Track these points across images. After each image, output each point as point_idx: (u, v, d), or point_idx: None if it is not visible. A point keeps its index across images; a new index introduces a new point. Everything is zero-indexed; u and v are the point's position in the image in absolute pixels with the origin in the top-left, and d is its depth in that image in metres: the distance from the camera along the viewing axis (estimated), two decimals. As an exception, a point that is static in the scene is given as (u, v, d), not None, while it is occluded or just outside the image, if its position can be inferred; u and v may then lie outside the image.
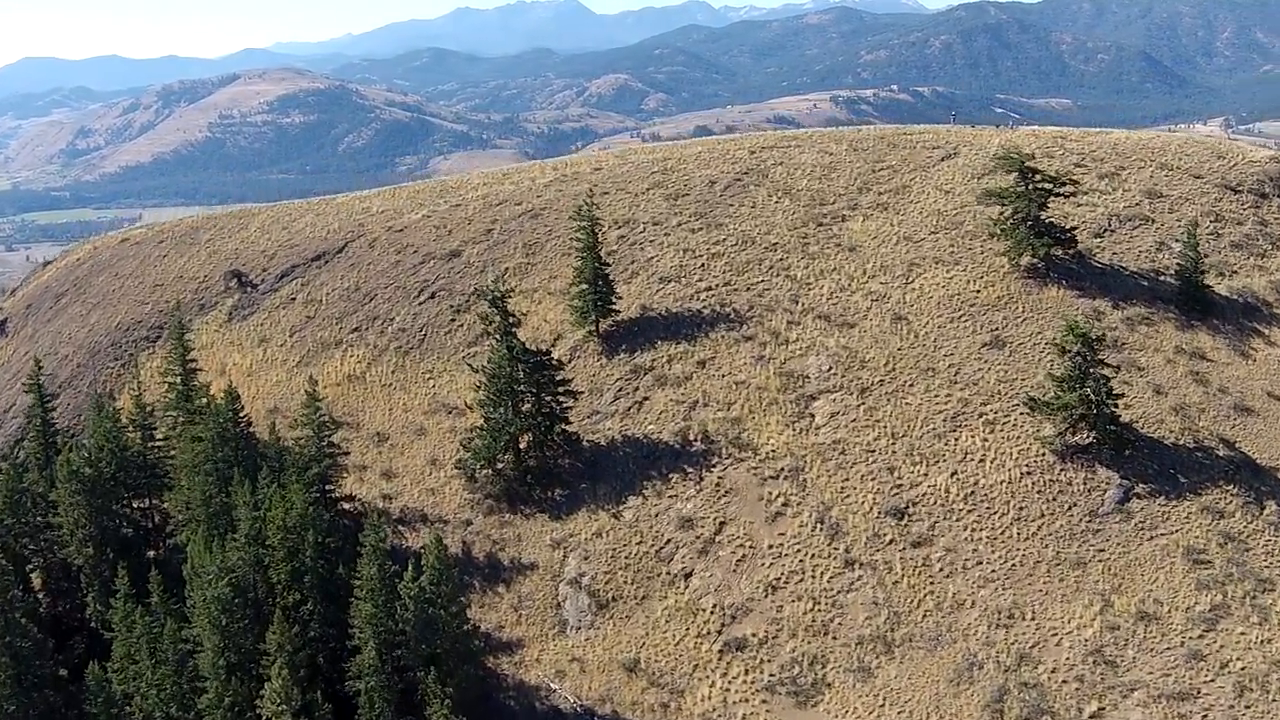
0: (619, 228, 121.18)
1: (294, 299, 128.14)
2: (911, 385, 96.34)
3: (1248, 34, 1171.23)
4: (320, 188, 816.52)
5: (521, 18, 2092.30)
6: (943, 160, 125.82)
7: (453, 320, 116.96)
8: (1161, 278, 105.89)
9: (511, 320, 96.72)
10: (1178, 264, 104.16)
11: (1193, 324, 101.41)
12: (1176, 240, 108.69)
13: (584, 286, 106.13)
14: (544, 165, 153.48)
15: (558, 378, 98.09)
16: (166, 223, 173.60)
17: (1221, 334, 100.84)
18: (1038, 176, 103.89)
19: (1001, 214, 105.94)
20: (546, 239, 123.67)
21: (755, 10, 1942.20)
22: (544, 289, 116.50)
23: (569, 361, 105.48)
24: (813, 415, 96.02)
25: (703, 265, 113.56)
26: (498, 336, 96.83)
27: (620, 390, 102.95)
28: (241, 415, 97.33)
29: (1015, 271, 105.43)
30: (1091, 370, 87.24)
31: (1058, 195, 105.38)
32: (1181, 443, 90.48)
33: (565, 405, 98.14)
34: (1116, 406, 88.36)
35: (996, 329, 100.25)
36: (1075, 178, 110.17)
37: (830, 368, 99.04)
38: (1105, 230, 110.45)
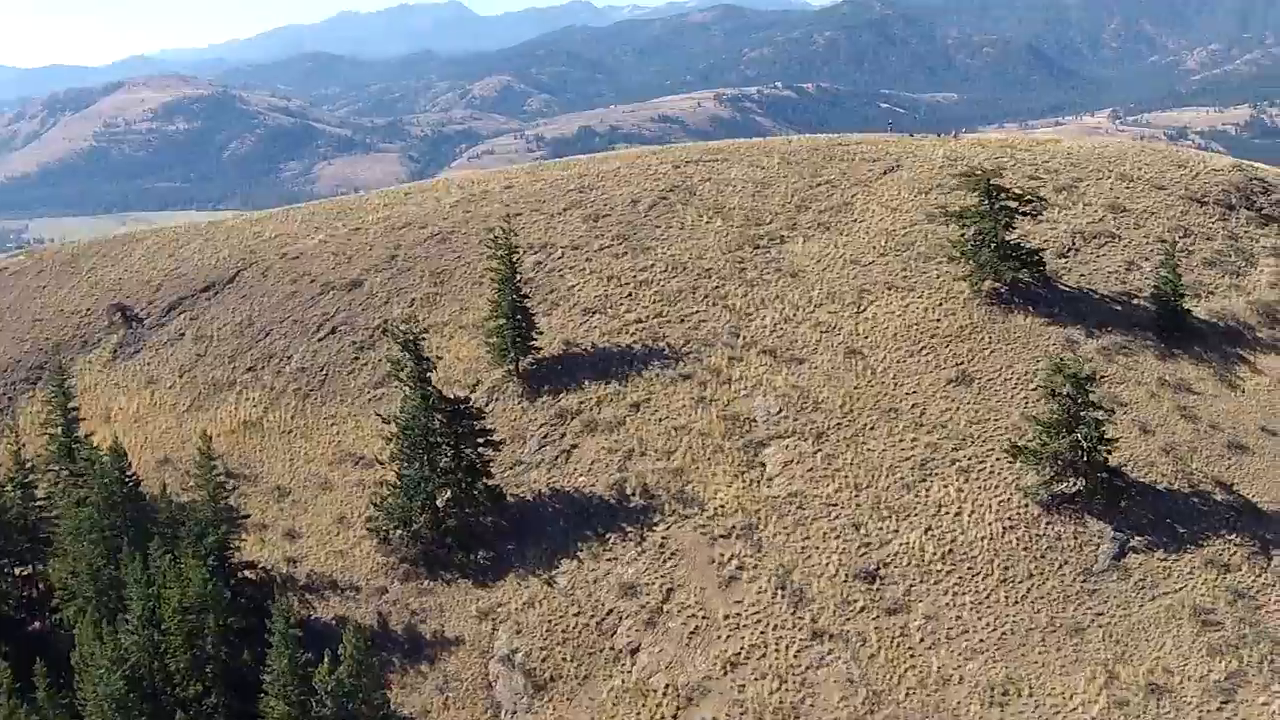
0: (535, 253, 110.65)
1: (183, 335, 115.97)
2: (872, 429, 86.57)
3: (1134, 25, 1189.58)
4: (205, 195, 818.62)
5: (404, 20, 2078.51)
6: (885, 174, 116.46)
7: (356, 359, 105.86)
8: (1135, 301, 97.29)
9: (426, 365, 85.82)
10: (1154, 287, 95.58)
11: (1174, 352, 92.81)
12: (1147, 259, 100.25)
13: (502, 321, 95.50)
14: (449, 183, 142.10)
15: (478, 427, 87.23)
16: (47, 249, 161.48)
17: (1205, 362, 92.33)
18: (1002, 195, 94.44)
19: (962, 235, 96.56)
20: (456, 266, 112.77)
21: (638, 9, 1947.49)
22: (455, 322, 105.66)
23: (486, 404, 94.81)
24: (763, 464, 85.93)
25: (630, 295, 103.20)
26: (410, 383, 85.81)
27: (545, 437, 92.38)
28: (129, 475, 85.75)
29: (977, 298, 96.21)
30: (1083, 414, 77.98)
31: (1023, 215, 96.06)
32: (1175, 487, 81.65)
33: (488, 458, 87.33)
34: (1110, 453, 79.21)
35: (962, 363, 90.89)
36: (1041, 194, 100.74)
37: (780, 410, 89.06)
38: (1070, 250, 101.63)
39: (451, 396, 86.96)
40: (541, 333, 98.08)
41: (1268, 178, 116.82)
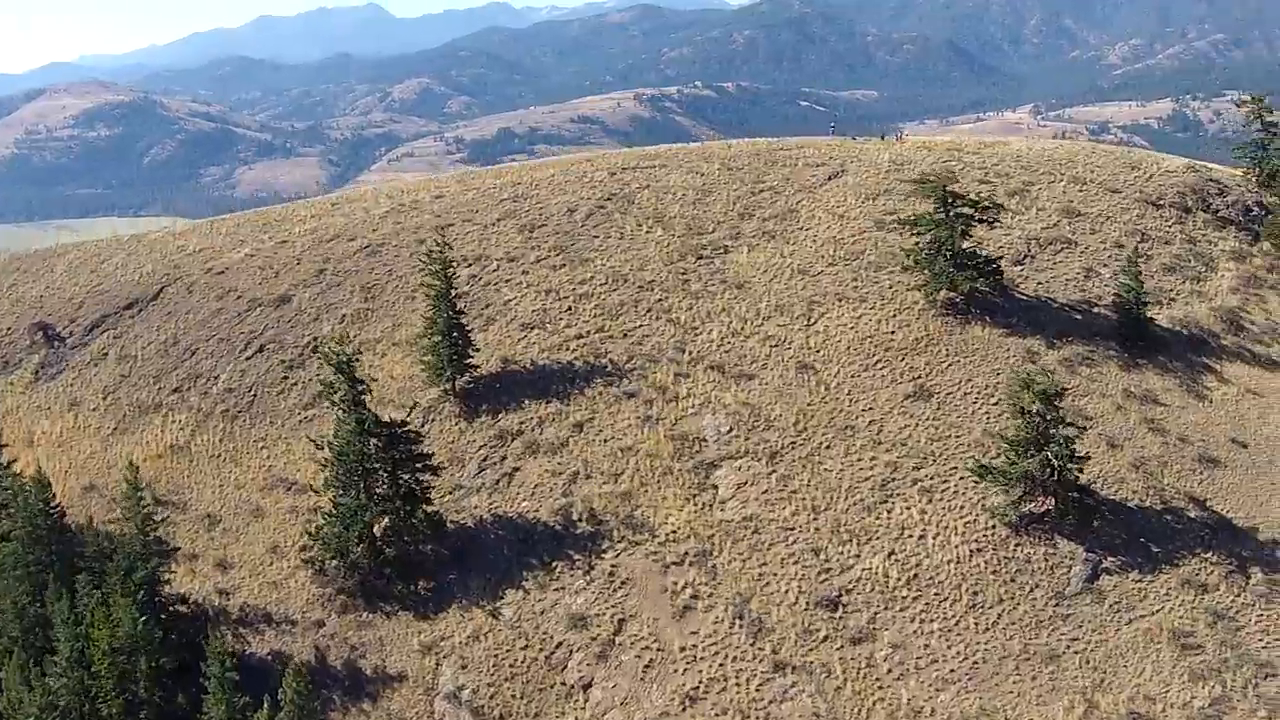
0: (469, 265, 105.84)
1: (106, 354, 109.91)
2: (828, 448, 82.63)
3: (1056, 21, 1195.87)
4: (127, 201, 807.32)
5: (323, 24, 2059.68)
6: (830, 179, 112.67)
7: (285, 378, 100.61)
8: (1096, 309, 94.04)
9: (360, 388, 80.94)
10: (1115, 295, 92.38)
11: (1138, 362, 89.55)
12: (1105, 265, 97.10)
13: (437, 339, 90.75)
14: (377, 193, 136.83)
15: (417, 451, 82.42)
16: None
17: (1171, 373, 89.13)
18: (958, 201, 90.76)
19: (916, 244, 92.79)
20: (387, 280, 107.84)
21: (557, 10, 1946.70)
22: (388, 339, 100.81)
23: (423, 426, 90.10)
24: (715, 487, 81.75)
25: (569, 309, 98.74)
26: (344, 407, 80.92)
27: (485, 460, 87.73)
28: (54, 506, 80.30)
29: (933, 308, 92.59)
30: (1053, 431, 74.34)
31: (980, 222, 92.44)
32: (1147, 504, 78.38)
33: (427, 484, 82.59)
34: (1081, 471, 75.66)
35: (919, 377, 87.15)
36: (998, 201, 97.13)
37: (730, 429, 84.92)
38: (1025, 256, 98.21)
39: (388, 420, 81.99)
40: (478, 350, 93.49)
41: (1222, 179, 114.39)
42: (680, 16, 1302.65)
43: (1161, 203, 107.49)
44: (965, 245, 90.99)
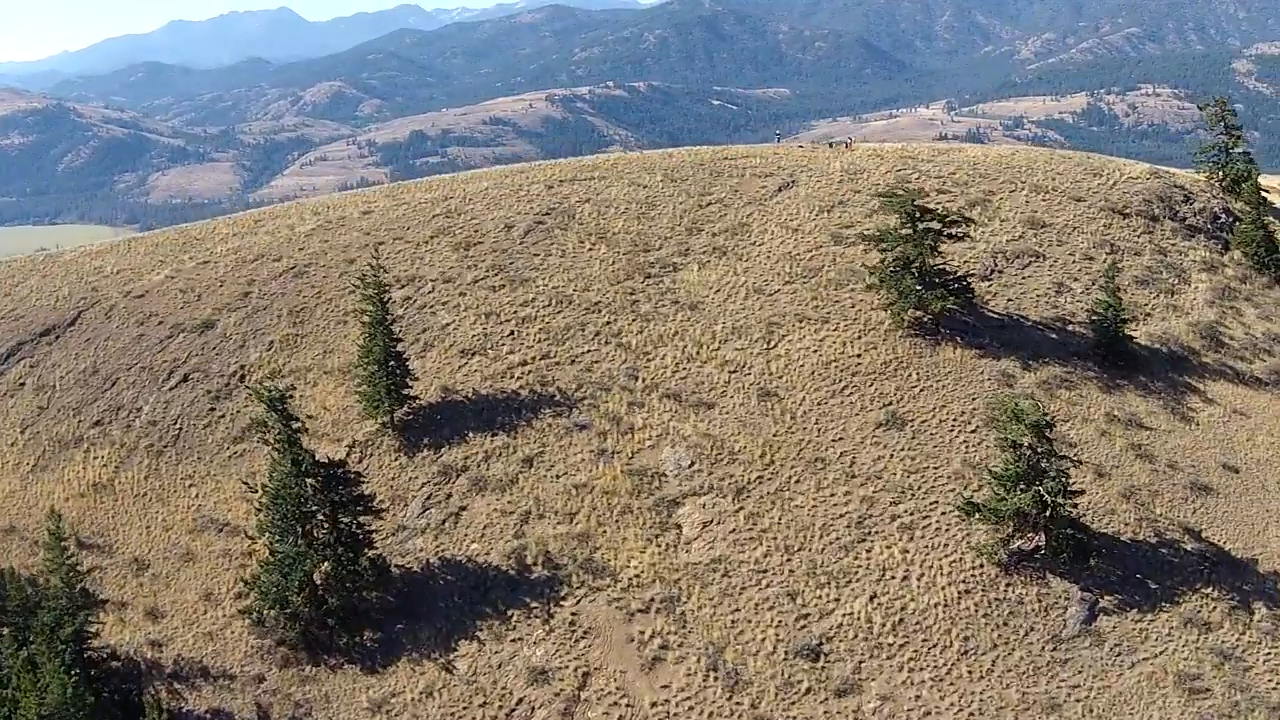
0: (402, 286, 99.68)
1: (23, 384, 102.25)
2: (798, 482, 77.29)
3: (968, 16, 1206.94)
4: (41, 210, 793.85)
5: (235, 28, 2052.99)
6: (780, 191, 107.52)
7: (211, 410, 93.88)
8: (1070, 327, 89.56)
9: (296, 426, 74.62)
10: (1090, 312, 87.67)
11: (1118, 383, 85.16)
12: (1076, 279, 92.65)
13: (373, 369, 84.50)
14: (302, 208, 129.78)
15: (357, 493, 76.20)
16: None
17: (1153, 393, 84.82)
18: (926, 216, 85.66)
19: (882, 261, 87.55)
20: (316, 303, 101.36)
21: (467, 11, 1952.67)
22: (319, 367, 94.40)
23: (360, 461, 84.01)
24: (679, 526, 76.15)
25: (512, 333, 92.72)
26: (279, 447, 74.57)
27: (429, 498, 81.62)
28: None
29: (900, 329, 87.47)
30: (1044, 464, 69.41)
31: (949, 237, 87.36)
32: (1141, 537, 73.91)
33: (370, 528, 76.45)
34: (1075, 506, 70.85)
35: (890, 403, 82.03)
36: (967, 215, 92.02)
37: (692, 462, 79.31)
38: (993, 271, 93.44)
39: (325, 460, 75.83)
40: (416, 379, 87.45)
41: (1186, 185, 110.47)
42: (591, 16, 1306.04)
43: (1128, 211, 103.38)
44: (934, 262, 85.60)
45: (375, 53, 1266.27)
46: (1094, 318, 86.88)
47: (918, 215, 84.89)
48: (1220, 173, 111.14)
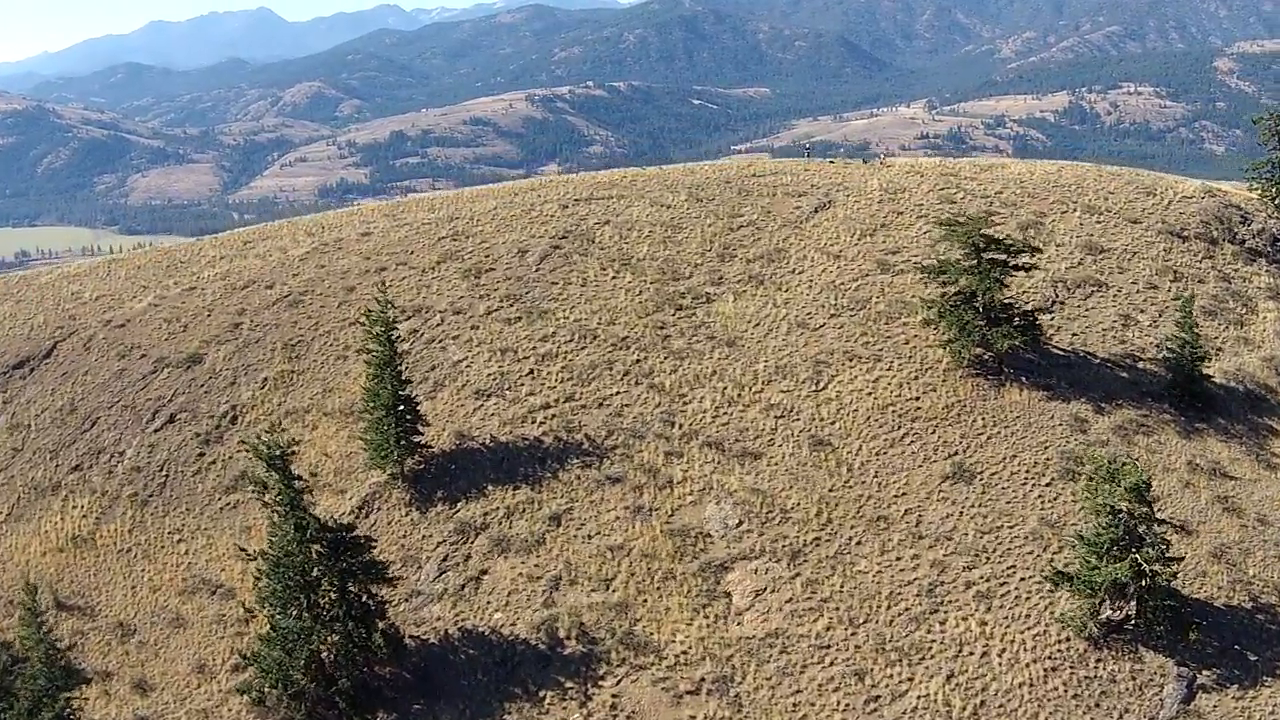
0: (408, 317, 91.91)
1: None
2: (860, 544, 69.74)
3: (948, 15, 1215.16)
4: (20, 211, 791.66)
5: (215, 28, 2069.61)
6: (816, 212, 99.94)
7: (201, 455, 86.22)
8: (1140, 364, 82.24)
9: (299, 486, 66.93)
10: (1160, 346, 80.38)
11: (1197, 427, 77.87)
12: (1143, 311, 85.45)
13: (380, 414, 76.72)
14: (295, 228, 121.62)
15: (368, 559, 68.40)
16: None
17: (1234, 438, 77.66)
18: (991, 245, 78.13)
19: (944, 295, 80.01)
20: (313, 336, 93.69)
21: (447, 11, 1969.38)
22: (317, 408, 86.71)
23: (367, 516, 76.34)
24: (729, 595, 68.49)
25: (531, 372, 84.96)
26: (280, 510, 66.82)
27: (446, 560, 73.84)
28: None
29: (959, 368, 79.89)
30: (1143, 530, 62.06)
31: (1016, 269, 79.83)
32: (1236, 603, 66.64)
33: (382, 599, 68.76)
34: (1175, 575, 63.55)
35: (956, 453, 74.53)
36: (1034, 243, 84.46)
37: (740, 521, 71.71)
38: (1053, 302, 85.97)
39: (332, 524, 67.94)
40: (428, 424, 79.75)
41: (1241, 203, 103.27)
42: (571, 16, 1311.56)
43: (1186, 233, 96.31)
44: (1000, 296, 78.01)
45: (355, 53, 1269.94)
46: (1169, 355, 79.53)
47: (983, 246, 77.31)
48: (1275, 190, 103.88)
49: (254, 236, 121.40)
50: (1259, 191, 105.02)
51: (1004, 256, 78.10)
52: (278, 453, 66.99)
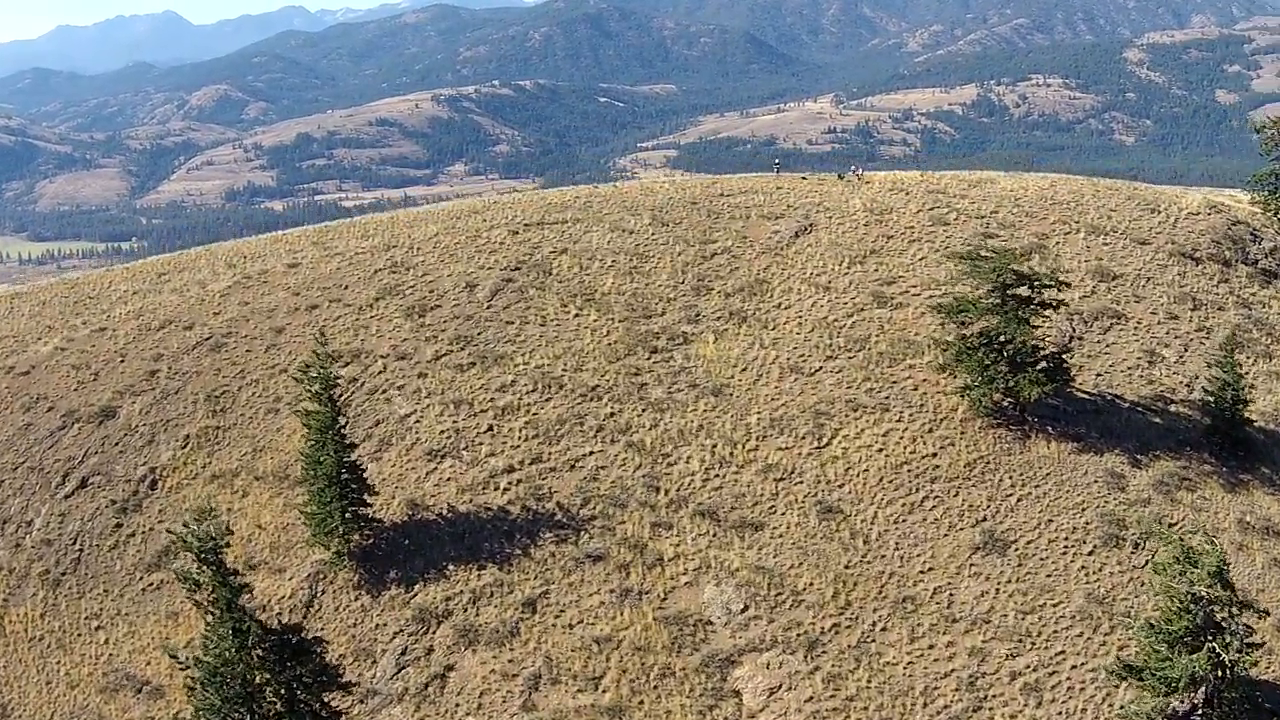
0: (346, 363, 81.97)
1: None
2: (885, 629, 60.64)
3: (854, 9, 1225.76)
4: None
5: (121, 32, 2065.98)
6: (797, 237, 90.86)
7: (118, 526, 75.90)
8: (1172, 407, 73.90)
9: (235, 582, 56.82)
10: (1206, 391, 71.85)
11: (1241, 479, 69.49)
12: (1167, 345, 77.23)
13: (322, 484, 66.79)
14: (213, 257, 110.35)
15: (319, 663, 58.34)
16: None
17: (1280, 488, 69.10)
18: (1015, 279, 69.18)
19: (963, 337, 70.98)
20: (239, 385, 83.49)
21: (352, 12, 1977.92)
22: (248, 470, 76.61)
23: (310, 602, 66.49)
24: (738, 694, 59.17)
25: (490, 429, 75.05)
26: (216, 611, 56.71)
27: (405, 653, 64.02)
28: None
29: (978, 418, 70.97)
30: (1226, 619, 53.36)
31: (1044, 306, 70.84)
32: (1312, 687, 58.00)
33: (337, 709, 58.77)
34: (1256, 663, 55.05)
35: (984, 518, 65.61)
36: (1062, 277, 75.31)
37: (745, 606, 62.39)
38: (1071, 337, 77.05)
39: (276, 626, 57.90)
40: (376, 492, 69.81)
41: (1245, 219, 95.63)
42: (476, 15, 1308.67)
43: (1198, 254, 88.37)
44: (1029, 340, 69.06)
45: (260, 55, 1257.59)
46: (1208, 398, 71.06)
47: (1011, 282, 68.38)
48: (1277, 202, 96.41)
49: (169, 267, 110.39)
50: (1262, 204, 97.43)
51: (1028, 292, 69.12)
52: (209, 544, 56.93)
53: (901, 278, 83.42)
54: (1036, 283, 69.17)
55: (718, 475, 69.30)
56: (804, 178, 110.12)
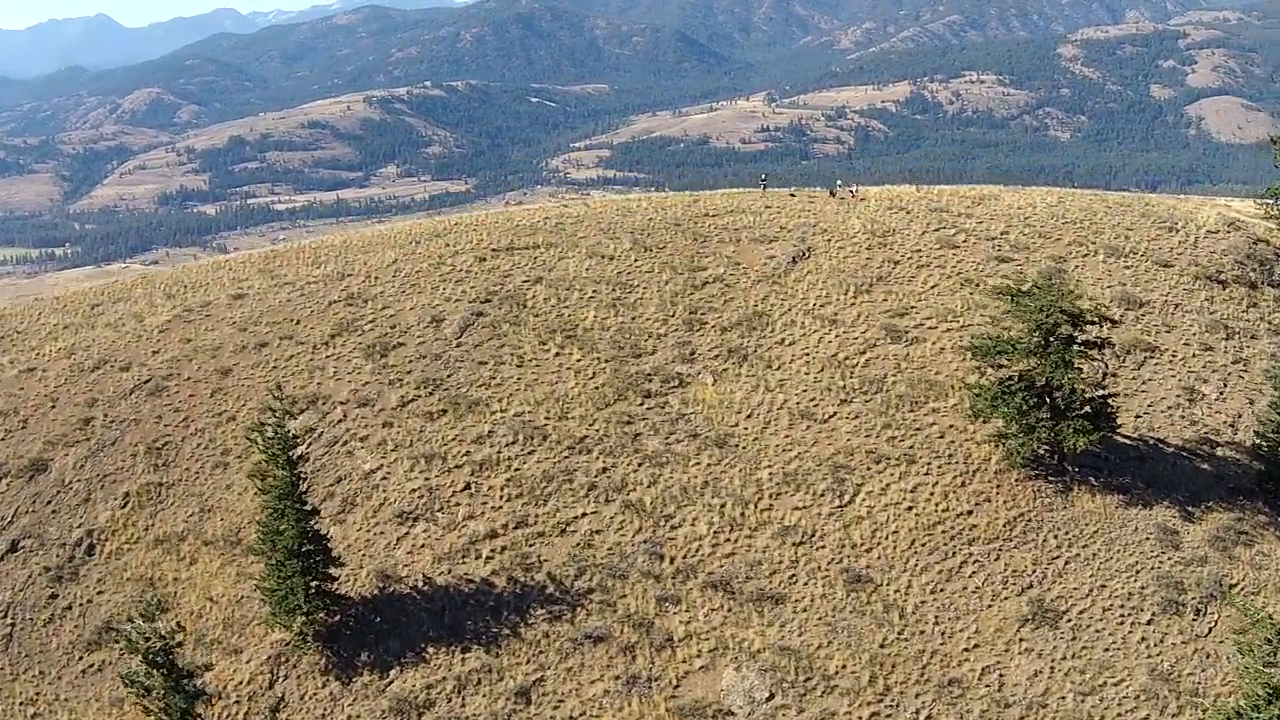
0: (302, 410, 74.17)
1: None
2: (930, 717, 53.47)
3: (786, 7, 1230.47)
4: None
5: (53, 36, 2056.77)
6: (794, 263, 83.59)
7: (53, 598, 67.95)
8: (1218, 450, 67.18)
9: (191, 688, 49.25)
10: (1259, 435, 65.17)
11: (1297, 527, 62.63)
12: (1205, 380, 70.65)
13: (282, 557, 58.95)
14: (151, 285, 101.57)
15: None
16: None
17: (1341, 539, 62.58)
18: (1061, 316, 62.01)
19: (1004, 382, 63.79)
20: (182, 436, 75.43)
21: (283, 14, 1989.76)
22: (195, 533, 68.69)
23: (271, 687, 58.76)
24: (770, 799, 51.89)
25: (468, 486, 67.21)
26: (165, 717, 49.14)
27: (381, 752, 56.29)
28: None
29: (1012, 468, 63.90)
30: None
31: (1091, 347, 63.75)
32: None
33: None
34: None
35: (1030, 585, 58.67)
36: (1107, 312, 68.16)
37: (770, 694, 54.99)
38: (1105, 374, 69.83)
39: (235, 737, 50.40)
40: (341, 562, 62.01)
41: (1263, 235, 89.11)
42: (408, 16, 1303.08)
43: (1223, 277, 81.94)
44: (1076, 383, 61.90)
45: (193, 58, 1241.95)
46: (1260, 442, 64.41)
47: (1059, 321, 61.24)
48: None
49: (103, 298, 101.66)
50: (1277, 220, 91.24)
51: (1072, 330, 62.07)
52: (159, 646, 49.31)
53: (914, 308, 76.32)
54: (1083, 318, 62.06)
55: (729, 540, 61.88)
56: (792, 194, 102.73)
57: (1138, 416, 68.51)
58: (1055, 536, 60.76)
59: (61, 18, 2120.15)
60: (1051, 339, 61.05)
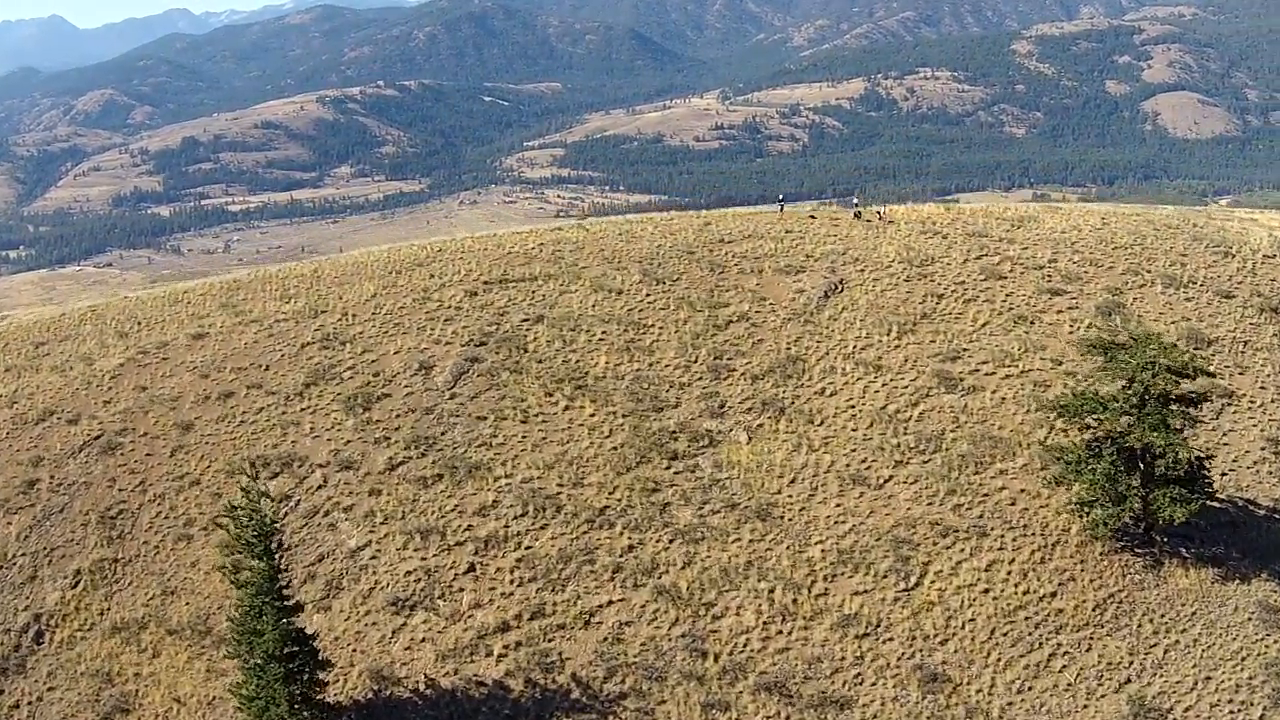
0: (274, 475, 65.55)
1: None
2: None
3: (739, 5, 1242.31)
4: None
5: (6, 37, 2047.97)
6: (827, 297, 75.55)
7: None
8: (1315, 510, 59.34)
9: None
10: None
11: None
12: (1291, 430, 62.86)
13: (262, 660, 50.51)
14: (101, 323, 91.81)
15: None
16: None
17: None
18: (1166, 373, 53.98)
19: (1092, 444, 55.80)
20: (140, 503, 66.93)
21: (236, 14, 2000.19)
22: (157, 620, 60.28)
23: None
24: None
25: (472, 568, 58.83)
26: None
27: None
28: None
29: (1096, 540, 56.02)
30: None
31: (1188, 405, 55.84)
32: None
33: None
34: None
35: (1128, 679, 51.00)
36: (1204, 365, 60.08)
37: (843, 821, 46.92)
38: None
39: None
40: (330, 662, 53.56)
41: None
42: (360, 16, 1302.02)
43: (1284, 308, 74.42)
44: (1177, 447, 53.91)
45: (146, 59, 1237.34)
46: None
47: (1153, 375, 53.31)
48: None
49: (49, 336, 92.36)
50: None
51: (1167, 385, 54.16)
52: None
53: (966, 350, 68.41)
54: (1183, 372, 54.18)
55: (781, 632, 53.68)
56: (812, 216, 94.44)
57: (1223, 474, 60.85)
58: (1150, 621, 53.02)
59: (14, 19, 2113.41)
60: (1148, 397, 53.01)
